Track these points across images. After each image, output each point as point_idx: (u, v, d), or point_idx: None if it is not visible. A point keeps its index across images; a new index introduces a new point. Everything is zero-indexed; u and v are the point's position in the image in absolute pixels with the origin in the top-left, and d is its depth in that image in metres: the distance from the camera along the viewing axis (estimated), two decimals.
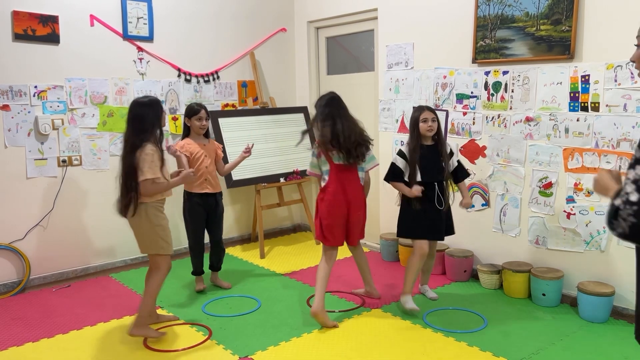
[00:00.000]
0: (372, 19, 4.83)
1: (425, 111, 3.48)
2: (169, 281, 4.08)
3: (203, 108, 3.77)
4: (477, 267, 4.03)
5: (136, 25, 4.53)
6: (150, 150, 3.02)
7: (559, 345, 3.06)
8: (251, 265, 4.62)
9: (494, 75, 3.90)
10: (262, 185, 4.93)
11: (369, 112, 4.96)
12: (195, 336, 3.25)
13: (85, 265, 4.42)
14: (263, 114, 5.14)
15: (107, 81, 4.41)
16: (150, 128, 3.06)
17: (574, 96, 3.50)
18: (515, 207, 3.88)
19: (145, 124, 3.05)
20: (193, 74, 4.90)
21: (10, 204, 4.05)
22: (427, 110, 3.49)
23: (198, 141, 3.80)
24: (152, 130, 3.06)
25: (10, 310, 3.70)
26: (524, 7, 3.66)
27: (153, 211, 3.10)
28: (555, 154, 3.62)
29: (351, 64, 5.34)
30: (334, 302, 3.73)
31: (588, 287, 3.39)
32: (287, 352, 3.03)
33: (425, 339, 3.16)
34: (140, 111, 3.07)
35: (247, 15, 5.21)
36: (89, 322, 3.48)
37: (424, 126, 3.46)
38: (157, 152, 3.06)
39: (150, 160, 3.01)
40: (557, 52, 3.52)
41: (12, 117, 4.00)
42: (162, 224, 3.14)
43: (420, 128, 3.47)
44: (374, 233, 4.95)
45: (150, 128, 3.05)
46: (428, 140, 3.53)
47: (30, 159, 4.10)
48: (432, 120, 3.46)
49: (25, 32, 3.98)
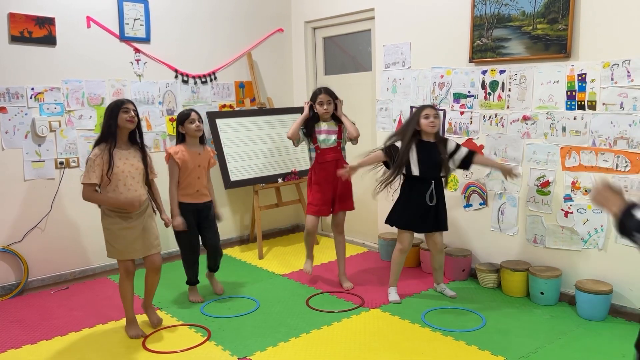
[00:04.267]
0: (369, 19, 4.83)
1: (428, 108, 3.52)
2: (168, 282, 4.09)
3: (193, 110, 3.63)
4: (475, 266, 4.04)
5: (133, 27, 4.52)
6: (93, 155, 3.03)
7: (557, 344, 3.07)
8: (250, 266, 4.62)
9: (491, 74, 3.90)
10: (260, 186, 4.93)
11: (367, 112, 4.97)
12: (194, 337, 3.25)
13: (84, 267, 4.42)
14: (261, 115, 5.14)
15: (104, 83, 4.41)
16: (106, 129, 3.07)
17: (571, 95, 3.50)
18: (513, 206, 3.88)
19: (103, 126, 3.11)
20: (190, 75, 4.90)
21: (8, 206, 4.05)
22: (429, 107, 3.53)
23: (193, 149, 3.63)
24: (106, 132, 3.07)
25: (9, 313, 3.70)
26: (520, 6, 3.66)
27: (102, 215, 3.14)
28: (553, 152, 3.63)
29: (348, 64, 5.34)
30: (333, 302, 3.74)
31: (586, 285, 3.39)
32: (286, 353, 3.03)
33: (423, 339, 3.16)
34: (104, 114, 3.13)
35: (244, 15, 5.21)
36: (87, 324, 3.47)
37: (425, 122, 3.47)
38: (100, 156, 3.02)
39: (89, 165, 3.02)
40: (554, 51, 3.52)
41: (9, 119, 3.99)
42: (109, 227, 3.12)
43: (422, 125, 3.48)
44: (373, 233, 4.96)
45: (105, 129, 3.08)
46: (430, 137, 3.54)
47: (28, 161, 4.09)
48: (435, 117, 3.48)
49: (22, 34, 3.98)
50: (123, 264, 3.17)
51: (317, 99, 3.83)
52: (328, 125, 3.88)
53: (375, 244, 4.94)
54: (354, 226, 5.18)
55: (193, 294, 3.87)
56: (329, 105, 3.82)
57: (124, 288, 3.21)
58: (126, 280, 3.19)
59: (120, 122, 3.06)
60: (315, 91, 3.89)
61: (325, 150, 3.87)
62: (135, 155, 3.16)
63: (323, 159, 3.87)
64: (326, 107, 3.81)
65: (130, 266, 3.19)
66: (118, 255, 3.15)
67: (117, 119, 3.06)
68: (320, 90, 3.85)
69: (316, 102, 3.84)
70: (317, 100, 3.83)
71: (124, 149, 3.12)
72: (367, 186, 4.87)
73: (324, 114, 3.83)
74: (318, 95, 3.83)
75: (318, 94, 3.84)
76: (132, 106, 3.10)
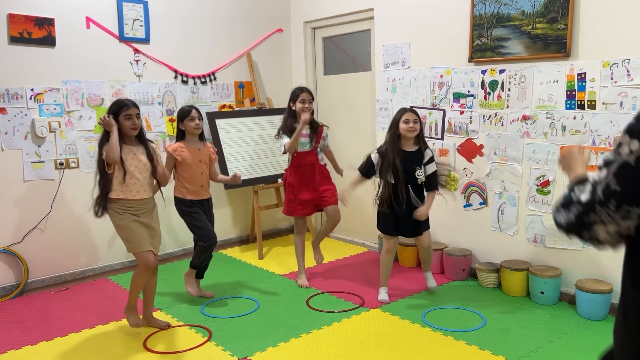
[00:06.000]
0: (368, 19, 4.83)
1: (408, 112, 3.54)
2: (168, 282, 4.09)
3: (194, 108, 3.65)
4: (475, 266, 4.04)
5: (132, 27, 4.52)
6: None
7: (557, 343, 3.07)
8: (250, 266, 4.62)
9: (491, 74, 3.90)
10: (260, 186, 4.93)
11: (366, 112, 4.97)
12: (194, 338, 3.25)
13: (84, 268, 4.42)
14: (260, 115, 5.14)
15: (103, 83, 4.41)
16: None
17: (571, 94, 3.50)
18: (513, 206, 3.88)
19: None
20: (190, 76, 4.90)
21: (8, 207, 4.04)
22: (409, 111, 3.55)
23: (192, 145, 3.66)
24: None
25: (9, 314, 3.69)
26: (519, 5, 3.66)
27: (112, 213, 3.15)
28: (552, 152, 3.63)
29: (348, 64, 5.34)
30: (333, 302, 3.74)
31: (586, 284, 3.39)
32: (286, 353, 3.03)
33: (424, 338, 3.16)
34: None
35: (243, 16, 5.21)
36: (87, 324, 3.47)
37: (404, 127, 3.49)
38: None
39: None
40: (553, 51, 3.52)
41: (8, 120, 3.99)
42: (121, 223, 3.14)
43: (400, 129, 3.50)
44: (373, 233, 4.95)
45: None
46: (409, 145, 3.54)
47: (27, 162, 4.09)
48: (414, 122, 3.49)
49: (21, 35, 3.98)
50: (143, 257, 3.14)
51: (299, 97, 3.87)
52: (305, 129, 3.90)
53: (375, 244, 4.94)
54: (354, 226, 5.19)
55: (191, 283, 3.79)
56: (310, 104, 3.88)
57: (138, 279, 3.20)
58: (143, 274, 3.18)
59: (125, 129, 3.11)
60: (295, 90, 3.93)
61: (302, 153, 3.91)
62: (143, 152, 3.21)
63: (299, 162, 3.92)
64: (308, 106, 3.86)
65: (151, 260, 3.16)
66: (138, 247, 3.15)
67: (119, 121, 3.11)
68: (301, 89, 3.91)
69: (297, 100, 3.87)
70: (298, 99, 3.86)
71: (131, 144, 3.17)
72: (366, 186, 4.87)
73: (304, 111, 3.83)
74: (300, 94, 3.88)
75: (300, 93, 3.88)
76: (135, 111, 3.12)
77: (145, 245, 3.15)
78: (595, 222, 1.18)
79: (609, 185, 1.16)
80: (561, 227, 1.27)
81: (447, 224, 4.31)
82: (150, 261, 3.16)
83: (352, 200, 4.05)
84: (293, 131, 3.84)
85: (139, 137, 3.21)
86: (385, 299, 3.71)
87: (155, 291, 3.41)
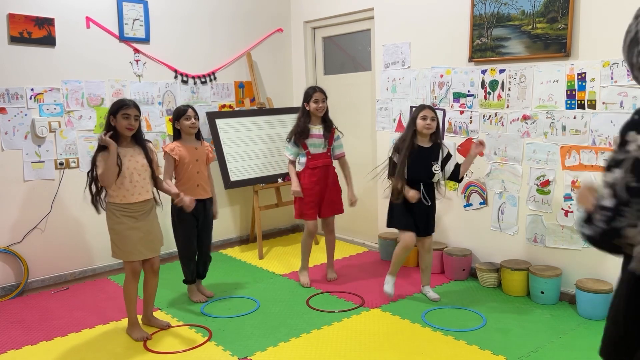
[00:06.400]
0: (368, 19, 4.83)
1: (426, 109, 3.54)
2: (168, 282, 4.09)
3: (190, 107, 3.62)
4: (475, 266, 4.03)
5: (132, 27, 4.52)
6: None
7: (557, 343, 3.07)
8: (250, 266, 4.62)
9: (491, 73, 3.90)
10: (260, 186, 4.93)
11: (366, 112, 4.97)
12: (194, 338, 3.25)
13: (84, 268, 4.41)
14: (260, 115, 5.14)
15: (103, 83, 4.41)
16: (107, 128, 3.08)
17: (571, 94, 3.50)
18: (513, 206, 3.88)
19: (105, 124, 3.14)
20: (190, 75, 4.90)
21: (8, 207, 4.04)
22: (427, 108, 3.54)
23: (189, 144, 3.63)
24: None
25: (9, 314, 3.69)
26: (519, 5, 3.66)
27: (109, 215, 3.13)
28: (553, 152, 3.62)
29: (348, 64, 5.34)
30: (333, 302, 3.74)
31: (586, 284, 3.39)
32: (286, 353, 3.03)
33: (424, 338, 3.16)
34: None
35: (243, 16, 5.21)
36: (87, 324, 3.47)
37: (421, 123, 3.49)
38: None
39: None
40: (553, 50, 3.52)
41: (8, 120, 3.99)
42: (115, 228, 3.12)
43: (417, 125, 3.50)
44: (373, 233, 4.95)
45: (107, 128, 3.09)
46: (425, 140, 3.55)
47: (27, 161, 4.09)
48: (432, 119, 3.49)
49: (21, 35, 3.98)
50: (130, 265, 3.16)
51: (312, 97, 3.88)
52: (318, 129, 3.93)
53: (375, 244, 4.94)
54: (354, 226, 5.19)
55: (194, 293, 3.84)
56: (323, 103, 3.90)
57: (129, 289, 3.20)
58: (132, 282, 3.19)
59: (120, 128, 3.06)
60: (308, 90, 3.95)
61: (315, 155, 3.94)
62: (140, 153, 3.18)
63: (314, 164, 3.93)
64: (321, 105, 3.88)
65: (137, 267, 3.18)
66: (123, 257, 3.15)
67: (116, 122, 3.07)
68: (314, 89, 3.92)
69: (311, 100, 3.88)
70: (312, 99, 3.88)
71: (128, 146, 3.14)
72: (367, 186, 4.87)
73: (319, 111, 3.87)
74: (313, 94, 3.89)
75: (313, 93, 3.89)
76: (134, 112, 3.08)
77: (134, 256, 3.14)
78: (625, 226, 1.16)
79: (628, 184, 1.14)
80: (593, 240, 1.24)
81: (447, 223, 4.31)
82: (137, 269, 3.17)
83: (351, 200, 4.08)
84: (306, 132, 3.88)
85: (136, 139, 3.17)
86: (389, 291, 3.63)
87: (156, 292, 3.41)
